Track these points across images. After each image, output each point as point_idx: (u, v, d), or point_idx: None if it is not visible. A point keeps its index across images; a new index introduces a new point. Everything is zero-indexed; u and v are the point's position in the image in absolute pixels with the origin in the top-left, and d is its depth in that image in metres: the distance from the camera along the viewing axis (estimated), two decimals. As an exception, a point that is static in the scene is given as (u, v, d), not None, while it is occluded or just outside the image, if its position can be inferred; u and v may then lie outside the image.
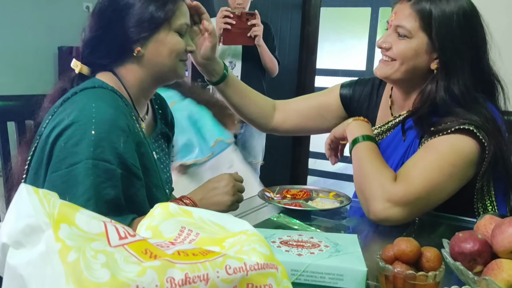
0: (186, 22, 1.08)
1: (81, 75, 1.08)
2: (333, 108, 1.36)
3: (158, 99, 1.27)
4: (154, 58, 1.06)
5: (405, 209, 1.01)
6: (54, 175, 0.92)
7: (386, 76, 1.16)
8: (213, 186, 1.09)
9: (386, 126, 1.25)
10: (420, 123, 1.13)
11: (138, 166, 1.00)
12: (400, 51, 1.11)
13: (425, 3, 1.09)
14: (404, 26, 1.10)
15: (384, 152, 1.22)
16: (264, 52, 2.61)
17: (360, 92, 1.34)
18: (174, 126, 1.31)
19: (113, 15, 1.04)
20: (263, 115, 1.38)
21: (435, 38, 1.08)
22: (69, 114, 0.95)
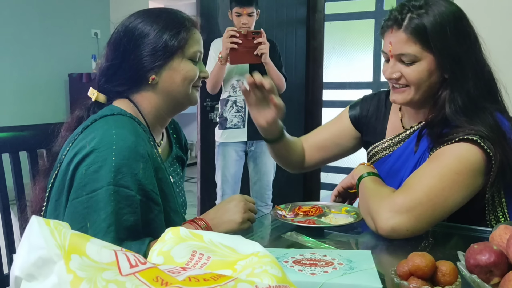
0: (199, 49, 1.11)
1: (98, 103, 1.10)
2: (346, 133, 1.38)
3: (172, 123, 1.29)
4: (168, 85, 1.08)
5: (409, 217, 0.99)
6: (75, 202, 0.94)
7: (407, 102, 1.16)
8: (224, 205, 1.10)
9: (397, 138, 1.25)
10: (431, 134, 1.13)
11: (157, 192, 1.02)
12: (414, 77, 1.10)
13: (417, 23, 1.07)
14: (408, 53, 1.09)
15: (394, 164, 1.23)
16: (271, 69, 2.62)
17: (367, 108, 1.35)
18: (188, 149, 1.33)
19: (128, 45, 1.06)
20: (300, 159, 1.41)
21: (435, 53, 1.08)
22: (90, 141, 0.97)
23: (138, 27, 1.06)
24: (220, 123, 2.74)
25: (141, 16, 1.08)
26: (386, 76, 1.15)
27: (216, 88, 2.67)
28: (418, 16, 1.08)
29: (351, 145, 1.39)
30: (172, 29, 1.06)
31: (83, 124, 1.03)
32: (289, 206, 1.23)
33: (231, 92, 2.70)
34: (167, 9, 1.13)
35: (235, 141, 2.71)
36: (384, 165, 1.26)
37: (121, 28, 1.09)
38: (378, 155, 1.29)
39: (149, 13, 1.10)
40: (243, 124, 2.69)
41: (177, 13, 1.12)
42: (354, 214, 1.17)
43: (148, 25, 1.06)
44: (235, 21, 2.64)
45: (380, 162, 1.29)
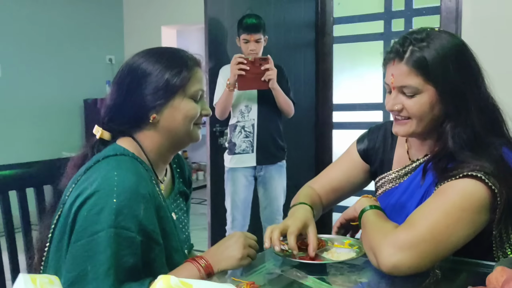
0: (201, 88, 1.13)
1: (103, 140, 1.12)
2: (358, 169, 1.37)
3: (175, 157, 1.30)
4: (169, 123, 1.10)
5: (412, 254, 0.97)
6: (77, 244, 0.95)
7: (409, 134, 1.16)
8: (224, 242, 1.11)
9: (404, 171, 1.24)
10: (437, 168, 1.12)
11: (158, 231, 1.03)
12: (415, 110, 1.10)
13: (418, 56, 1.07)
14: (409, 86, 1.09)
15: (401, 197, 1.22)
16: (278, 94, 2.64)
17: (374, 140, 1.35)
18: (191, 183, 1.34)
19: (131, 84, 1.09)
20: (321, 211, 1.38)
21: (436, 86, 1.08)
22: (92, 183, 0.98)
23: (141, 67, 1.09)
24: (229, 148, 2.76)
25: (145, 56, 1.11)
26: (388, 108, 1.15)
27: (224, 114, 2.69)
28: (419, 49, 1.08)
29: (364, 179, 1.39)
30: (174, 68, 1.08)
31: (86, 164, 1.05)
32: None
33: (239, 118, 2.72)
34: (170, 49, 1.16)
35: (244, 166, 2.72)
36: (391, 198, 1.25)
37: (125, 67, 1.12)
38: (384, 187, 1.29)
39: (152, 52, 1.12)
40: (252, 149, 2.70)
41: (180, 52, 1.14)
42: (357, 248, 1.16)
43: (151, 65, 1.09)
44: (243, 48, 2.68)
45: (386, 194, 1.28)
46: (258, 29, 2.66)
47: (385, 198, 1.27)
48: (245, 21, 2.67)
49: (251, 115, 2.71)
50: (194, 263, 1.06)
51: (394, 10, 3.30)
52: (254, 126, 2.70)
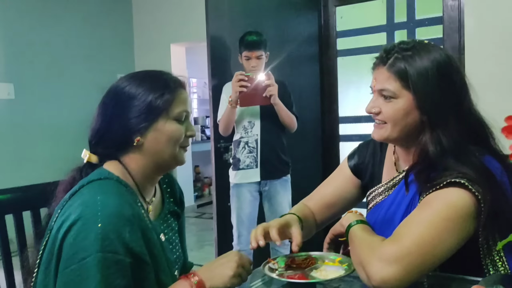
0: (185, 109, 1.14)
1: (90, 163, 1.14)
2: (349, 184, 1.39)
3: (166, 177, 1.31)
4: (153, 146, 1.11)
5: (399, 268, 0.97)
6: (66, 271, 0.96)
7: (384, 139, 1.19)
8: (218, 260, 1.12)
9: (392, 182, 1.25)
10: (419, 179, 1.13)
11: (145, 252, 1.04)
12: (390, 113, 1.14)
13: (400, 63, 1.11)
14: (387, 89, 1.13)
15: (389, 208, 1.22)
16: (281, 109, 2.66)
17: (364, 154, 1.37)
18: (183, 202, 1.35)
19: (115, 107, 1.10)
20: (313, 224, 1.40)
21: (414, 94, 1.10)
22: (76, 208, 0.99)
23: (124, 90, 1.10)
24: (233, 164, 2.77)
25: (128, 80, 1.13)
26: (367, 110, 1.19)
27: (227, 130, 2.72)
28: (402, 57, 1.12)
29: (357, 195, 1.40)
30: (157, 91, 1.10)
31: (72, 190, 1.07)
32: (283, 258, 1.23)
33: (243, 133, 2.74)
34: (153, 72, 1.17)
35: (248, 182, 2.73)
36: (380, 210, 1.26)
37: (109, 91, 1.13)
38: (375, 200, 1.29)
39: (136, 76, 1.14)
40: (256, 165, 2.71)
41: (163, 74, 1.15)
42: (346, 265, 1.16)
43: (134, 88, 1.10)
44: (245, 64, 2.71)
45: (376, 207, 1.28)
46: (259, 46, 2.69)
47: (376, 211, 1.27)
48: (246, 38, 2.70)
49: (254, 131, 2.72)
50: (186, 280, 1.07)
51: (397, 21, 3.30)
52: (258, 142, 2.71)
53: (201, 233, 4.89)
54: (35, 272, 1.03)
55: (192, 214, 5.73)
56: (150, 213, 1.18)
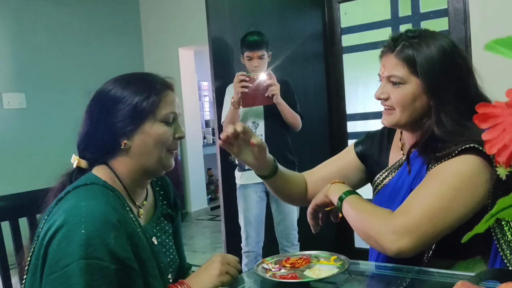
0: (172, 110, 1.12)
1: (80, 168, 1.14)
2: (353, 165, 1.42)
3: (159, 180, 1.29)
4: (140, 149, 1.10)
5: (412, 238, 1.02)
6: (50, 278, 0.96)
7: (393, 124, 1.22)
8: (204, 264, 1.12)
9: (397, 164, 1.28)
10: (425, 151, 1.16)
11: (132, 258, 1.02)
12: (398, 99, 1.17)
13: (408, 50, 1.15)
14: (395, 75, 1.16)
15: (394, 187, 1.25)
16: (284, 109, 2.63)
17: (371, 143, 1.40)
18: (177, 204, 1.34)
19: (101, 112, 1.10)
20: (302, 192, 1.46)
21: (422, 80, 1.14)
22: (60, 214, 0.99)
23: (110, 94, 1.10)
24: (238, 165, 2.76)
25: (114, 83, 1.12)
26: (376, 96, 1.22)
27: None
28: (410, 44, 1.16)
29: (358, 178, 1.42)
30: (143, 93, 1.09)
31: (59, 195, 1.07)
32: (277, 258, 1.22)
33: None
34: (139, 74, 1.17)
35: (254, 183, 2.71)
36: (386, 190, 1.28)
37: (95, 95, 1.13)
38: (382, 184, 1.31)
39: (122, 79, 1.13)
40: None
41: (149, 76, 1.15)
42: (340, 264, 1.14)
43: (119, 91, 1.10)
44: (247, 65, 2.70)
45: (382, 190, 1.30)
46: (261, 46, 2.67)
47: (382, 193, 1.30)
48: (247, 39, 2.69)
49: (258, 131, 2.70)
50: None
51: (401, 16, 3.25)
52: None
53: (214, 235, 4.89)
54: (24, 279, 1.04)
55: (206, 217, 5.74)
56: (142, 217, 1.17)
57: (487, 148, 0.60)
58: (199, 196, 5.77)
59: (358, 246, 3.47)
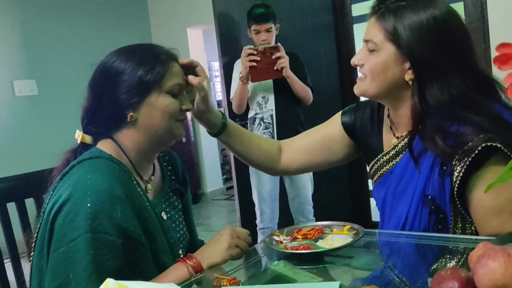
0: (179, 82, 1.09)
1: (84, 144, 1.11)
2: (338, 138, 1.30)
3: (166, 155, 1.27)
4: (148, 121, 1.06)
5: None
6: (56, 253, 0.94)
7: (361, 94, 1.12)
8: (212, 238, 1.08)
9: (394, 151, 1.16)
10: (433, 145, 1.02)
11: (140, 232, 1.00)
12: (369, 66, 1.07)
13: (389, 15, 1.04)
14: (371, 40, 1.07)
15: (399, 183, 1.13)
16: (294, 82, 2.57)
17: (361, 117, 1.27)
18: (186, 180, 1.30)
19: (104, 85, 1.06)
20: (270, 159, 1.34)
21: (403, 48, 1.02)
22: (66, 188, 0.97)
23: (113, 66, 1.06)
24: None
25: (117, 54, 1.08)
26: (351, 62, 1.13)
27: (241, 107, 2.66)
28: (396, 8, 1.04)
29: (344, 152, 1.31)
30: (147, 64, 1.05)
31: (64, 170, 1.04)
32: (288, 229, 1.18)
33: (257, 110, 2.67)
34: (143, 45, 1.13)
35: None
36: (389, 183, 1.17)
37: (98, 68, 1.09)
38: (380, 172, 1.21)
39: (124, 50, 1.09)
40: None
41: (153, 47, 1.11)
42: (354, 233, 1.09)
43: (123, 63, 1.05)
44: (255, 39, 2.63)
45: (383, 179, 1.20)
46: (268, 19, 2.60)
47: (383, 184, 1.19)
48: (254, 12, 2.62)
49: (268, 106, 2.65)
50: (183, 263, 1.03)
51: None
52: (273, 117, 2.64)
53: (231, 214, 4.89)
54: (31, 256, 1.02)
55: (222, 197, 5.74)
56: (150, 192, 1.14)
57: (509, 92, 0.54)
58: (214, 177, 5.77)
59: (375, 220, 3.42)
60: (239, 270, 1.01)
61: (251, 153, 1.32)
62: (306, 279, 0.88)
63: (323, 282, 0.83)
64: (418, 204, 1.07)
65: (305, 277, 0.90)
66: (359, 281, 0.92)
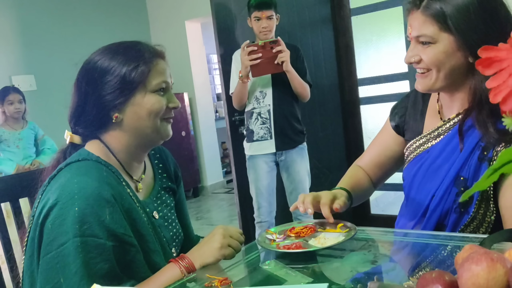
0: (164, 80, 1.07)
1: (73, 144, 1.10)
2: (392, 143, 1.33)
3: (157, 152, 1.25)
4: (133, 121, 1.05)
5: None
6: (46, 258, 0.94)
7: (429, 89, 1.12)
8: (204, 238, 1.08)
9: (436, 132, 1.17)
10: (483, 125, 1.03)
11: (130, 234, 1.00)
12: (431, 58, 1.07)
13: (435, 4, 1.04)
14: (424, 34, 1.06)
15: (435, 160, 1.14)
16: (293, 77, 2.55)
17: (404, 109, 1.30)
18: (179, 177, 1.29)
19: (89, 85, 1.05)
20: (370, 184, 1.38)
21: (457, 35, 1.02)
22: (53, 192, 0.96)
23: (97, 66, 1.04)
24: (247, 136, 2.71)
25: (100, 54, 1.06)
26: (406, 61, 1.12)
27: (241, 104, 2.66)
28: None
29: (402, 153, 1.33)
30: (131, 63, 1.03)
31: (52, 173, 1.03)
32: (281, 228, 1.18)
33: (255, 104, 2.66)
34: (127, 43, 1.10)
35: (263, 153, 2.66)
36: (422, 162, 1.18)
37: (82, 68, 1.08)
38: (416, 152, 1.21)
39: (109, 49, 1.07)
40: (270, 136, 2.63)
41: (137, 45, 1.08)
42: (346, 231, 1.09)
43: (106, 62, 1.04)
44: (255, 27, 2.59)
45: (417, 158, 1.20)
46: (269, 6, 2.56)
47: (416, 163, 1.20)
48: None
49: (266, 101, 2.64)
50: (175, 263, 1.03)
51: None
52: (270, 112, 2.63)
53: (231, 207, 4.90)
54: (23, 260, 1.02)
55: (222, 190, 5.75)
56: (141, 191, 1.14)
57: (491, 96, 0.53)
58: (214, 170, 5.77)
59: (374, 213, 3.43)
60: (231, 269, 1.01)
61: (366, 193, 1.38)
62: (296, 280, 0.89)
63: (312, 284, 0.83)
64: (449, 183, 1.09)
65: (295, 277, 0.91)
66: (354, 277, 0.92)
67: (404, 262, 1.02)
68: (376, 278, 0.86)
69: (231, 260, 1.03)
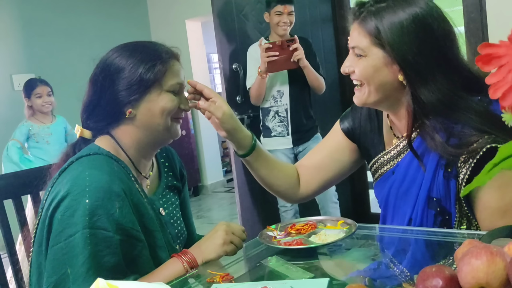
0: (178, 81, 1.10)
1: (84, 139, 1.12)
2: (343, 147, 1.29)
3: (164, 152, 1.28)
4: (146, 118, 1.07)
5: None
6: (54, 248, 0.96)
7: (364, 103, 1.10)
8: (207, 234, 1.09)
9: (396, 150, 1.15)
10: (435, 146, 1.02)
11: (138, 228, 1.02)
12: (361, 71, 1.05)
13: (370, 19, 1.03)
14: (358, 46, 1.05)
15: (402, 183, 1.13)
16: (309, 72, 2.65)
17: (358, 117, 1.27)
18: (184, 176, 1.31)
19: (104, 80, 1.07)
20: (292, 184, 1.31)
21: (389, 51, 1.01)
22: (64, 185, 0.98)
23: (114, 62, 1.07)
24: (263, 131, 2.78)
25: (119, 51, 1.09)
26: (341, 70, 1.10)
27: (259, 99, 2.72)
28: (375, 10, 1.03)
29: (351, 159, 1.30)
30: (148, 62, 1.06)
31: (62, 166, 1.05)
32: (282, 225, 1.19)
33: (272, 103, 2.75)
34: (145, 43, 1.14)
35: (281, 148, 2.73)
36: (391, 183, 1.16)
37: (99, 64, 1.10)
38: (381, 170, 1.20)
39: (126, 47, 1.10)
40: (287, 133, 2.73)
41: (155, 45, 1.12)
42: (347, 228, 1.10)
43: (124, 60, 1.07)
44: (275, 20, 2.63)
45: (384, 177, 1.19)
46: (291, 1, 2.63)
47: (384, 182, 1.18)
48: None
49: (283, 100, 2.74)
50: (178, 258, 1.04)
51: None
52: (288, 111, 2.72)
53: (231, 206, 4.91)
54: (31, 251, 1.03)
55: (222, 189, 5.76)
56: (148, 188, 1.16)
57: (491, 92, 0.54)
58: (215, 169, 5.78)
59: (374, 211, 3.44)
60: (233, 266, 1.02)
61: (276, 178, 1.29)
62: (297, 275, 0.89)
63: (313, 279, 0.84)
64: (423, 206, 1.07)
65: (296, 273, 0.91)
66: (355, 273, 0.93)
67: (404, 258, 1.03)
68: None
69: (233, 256, 1.04)
